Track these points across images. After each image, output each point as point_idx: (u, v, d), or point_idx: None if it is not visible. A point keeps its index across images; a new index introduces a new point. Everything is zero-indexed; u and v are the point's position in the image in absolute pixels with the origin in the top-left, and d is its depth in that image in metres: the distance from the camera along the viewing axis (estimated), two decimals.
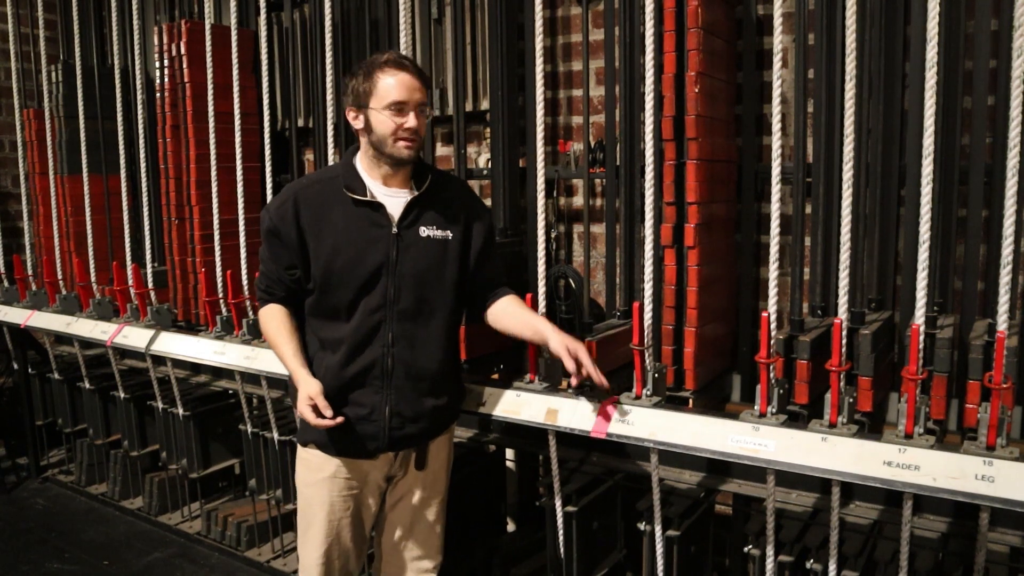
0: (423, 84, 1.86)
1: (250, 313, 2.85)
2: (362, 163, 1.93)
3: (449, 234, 1.93)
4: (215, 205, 2.97)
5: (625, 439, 1.94)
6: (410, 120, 1.82)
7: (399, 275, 1.88)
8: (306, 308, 1.96)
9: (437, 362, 1.95)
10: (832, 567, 1.82)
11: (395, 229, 1.88)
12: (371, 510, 2.07)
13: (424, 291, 1.91)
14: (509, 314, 2.01)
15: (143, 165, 3.56)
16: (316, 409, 1.83)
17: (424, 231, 1.91)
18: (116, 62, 3.68)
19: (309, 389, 1.85)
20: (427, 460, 2.05)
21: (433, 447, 2.06)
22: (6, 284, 3.88)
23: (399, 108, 1.82)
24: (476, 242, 1.99)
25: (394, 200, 1.90)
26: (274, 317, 1.96)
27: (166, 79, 3.22)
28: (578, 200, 3.04)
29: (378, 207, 1.88)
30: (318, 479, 1.99)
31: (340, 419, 1.86)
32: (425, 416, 1.98)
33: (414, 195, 1.91)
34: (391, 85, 1.81)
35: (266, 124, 2.82)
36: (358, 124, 1.88)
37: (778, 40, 1.82)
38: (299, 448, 2.05)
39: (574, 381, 1.92)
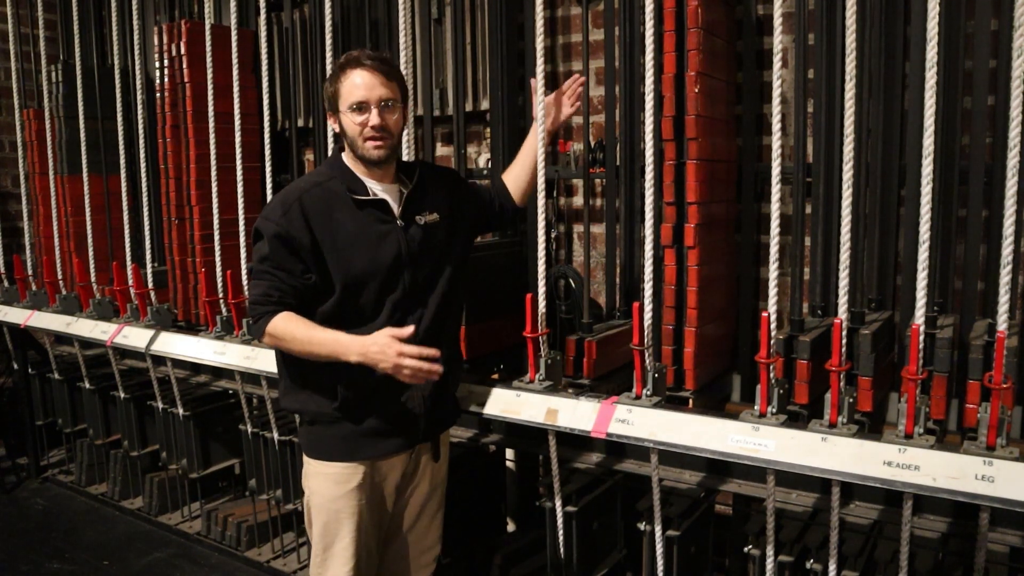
0: (387, 78, 1.83)
1: None
2: (351, 164, 1.93)
3: (437, 216, 1.97)
4: (215, 205, 2.97)
5: (625, 439, 1.94)
6: (372, 118, 1.81)
7: (412, 265, 1.90)
8: (319, 316, 1.86)
9: (451, 345, 2.01)
10: (832, 567, 1.82)
11: (400, 222, 1.91)
12: (388, 512, 2.05)
13: (434, 277, 1.95)
14: (515, 172, 2.20)
15: (143, 165, 3.56)
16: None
17: (419, 219, 1.94)
18: (116, 62, 3.68)
19: (390, 331, 1.75)
20: (441, 450, 2.09)
21: (442, 436, 2.11)
22: (6, 284, 3.88)
23: (359, 107, 1.82)
24: (464, 198, 2.09)
25: (391, 196, 1.93)
26: (295, 318, 1.81)
27: (166, 79, 3.21)
28: (578, 200, 3.04)
29: (382, 203, 1.90)
30: (345, 491, 1.93)
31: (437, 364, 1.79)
32: (449, 399, 2.07)
33: (409, 189, 1.94)
34: (351, 86, 1.82)
35: (266, 124, 2.82)
36: (336, 128, 1.90)
37: (778, 40, 1.82)
38: (314, 463, 1.96)
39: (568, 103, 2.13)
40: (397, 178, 1.97)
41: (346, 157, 1.94)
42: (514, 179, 2.21)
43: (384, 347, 1.73)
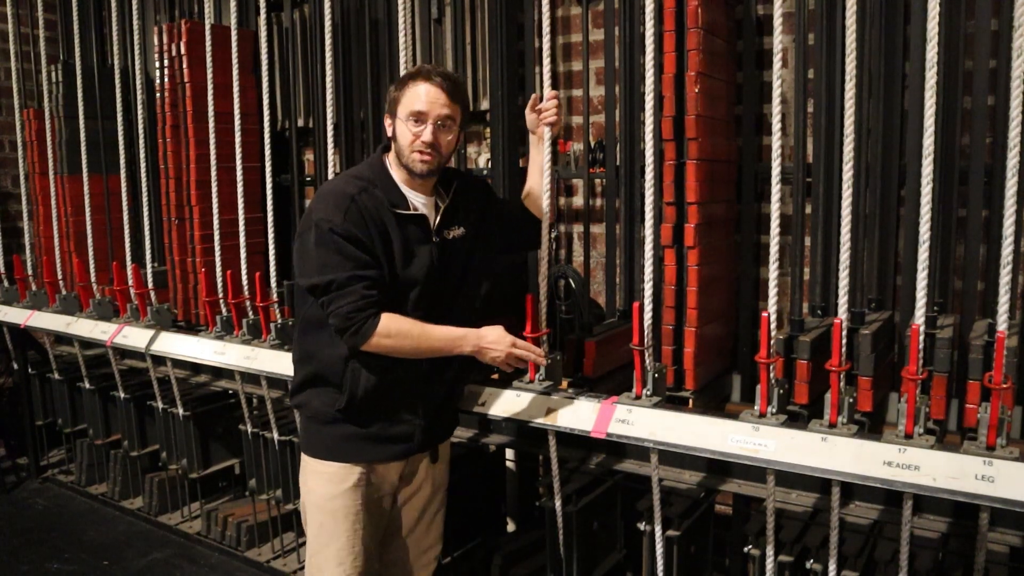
0: (451, 99, 1.82)
1: (250, 313, 2.85)
2: (394, 169, 1.90)
3: (463, 230, 1.96)
4: (215, 205, 2.97)
5: (625, 439, 1.94)
6: (426, 134, 1.80)
7: (438, 281, 1.90)
8: None
9: (461, 362, 1.99)
10: (832, 567, 1.82)
11: (435, 237, 1.90)
12: (387, 512, 2.05)
13: (457, 293, 1.95)
14: (532, 196, 2.14)
15: (143, 165, 3.56)
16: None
17: (450, 234, 1.93)
18: (116, 62, 3.68)
19: (502, 329, 1.86)
20: (439, 454, 2.10)
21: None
22: (6, 284, 3.88)
23: (417, 119, 1.81)
24: (493, 209, 2.07)
25: (428, 208, 1.92)
26: (399, 317, 1.80)
27: (166, 79, 3.21)
28: (578, 200, 3.04)
29: (422, 219, 1.89)
30: (341, 490, 1.93)
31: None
32: (450, 412, 2.08)
33: (446, 203, 1.93)
34: (413, 95, 1.81)
35: (266, 124, 2.81)
36: (389, 131, 1.88)
37: (778, 40, 1.82)
38: (312, 462, 1.97)
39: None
40: (435, 190, 1.95)
41: (389, 160, 1.92)
42: (533, 201, 2.13)
43: (498, 340, 1.85)
